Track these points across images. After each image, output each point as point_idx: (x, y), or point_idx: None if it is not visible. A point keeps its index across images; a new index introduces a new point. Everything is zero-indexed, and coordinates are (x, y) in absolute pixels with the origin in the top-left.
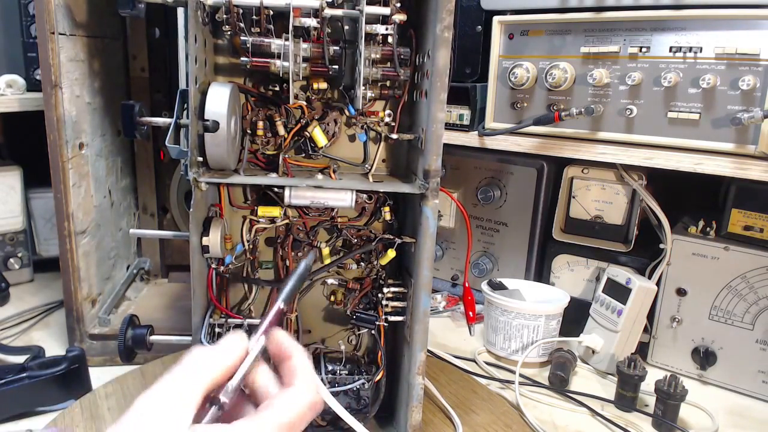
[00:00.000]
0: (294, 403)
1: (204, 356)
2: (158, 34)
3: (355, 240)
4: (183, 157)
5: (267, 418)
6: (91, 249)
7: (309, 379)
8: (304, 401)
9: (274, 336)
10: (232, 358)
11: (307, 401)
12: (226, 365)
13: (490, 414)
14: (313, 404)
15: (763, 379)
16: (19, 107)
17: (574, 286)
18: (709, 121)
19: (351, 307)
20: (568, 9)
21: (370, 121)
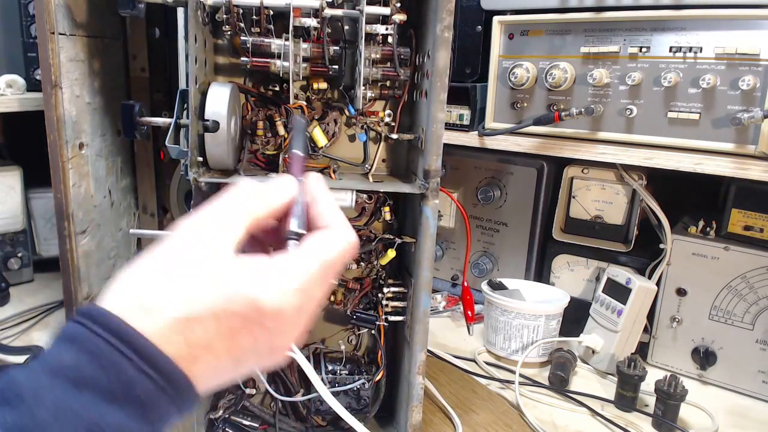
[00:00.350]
0: (336, 241)
1: (253, 190)
2: (158, 34)
3: None
4: (183, 157)
5: (310, 254)
6: (91, 249)
7: (345, 222)
8: (344, 240)
9: (306, 180)
10: (280, 198)
11: (348, 240)
12: (272, 203)
13: (490, 414)
14: (352, 244)
15: (763, 379)
16: (19, 107)
17: (574, 286)
18: (709, 121)
19: (351, 307)
20: (568, 9)
21: (370, 121)
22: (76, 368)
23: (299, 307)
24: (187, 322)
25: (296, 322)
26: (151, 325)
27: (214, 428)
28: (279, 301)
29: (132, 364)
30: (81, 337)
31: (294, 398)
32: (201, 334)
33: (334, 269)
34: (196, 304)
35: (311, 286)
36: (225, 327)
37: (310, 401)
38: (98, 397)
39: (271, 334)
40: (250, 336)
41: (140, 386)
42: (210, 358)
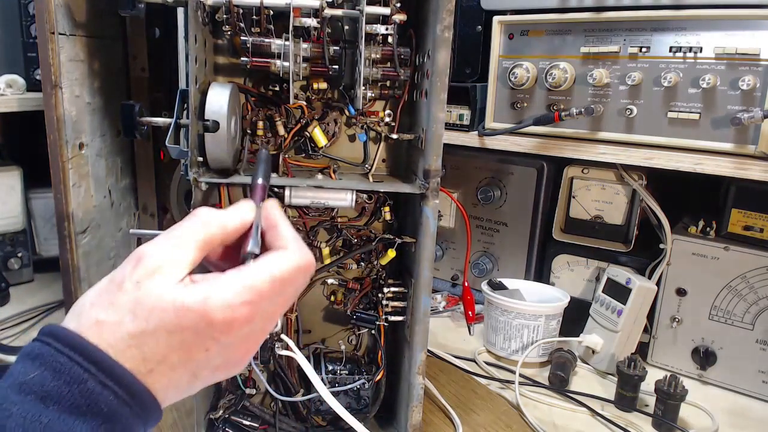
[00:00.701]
0: (290, 259)
1: (208, 214)
2: (158, 34)
3: (355, 240)
4: (183, 157)
5: (261, 269)
6: (91, 249)
7: (301, 245)
8: (300, 258)
9: (264, 205)
10: (234, 219)
11: (303, 258)
12: (227, 224)
13: (490, 414)
14: (306, 265)
15: (763, 379)
16: (19, 107)
17: (574, 286)
18: (709, 121)
19: (351, 307)
20: (568, 9)
21: (370, 121)
22: (41, 384)
23: (249, 319)
24: (140, 336)
25: (249, 335)
26: (107, 339)
27: (214, 428)
28: (227, 313)
29: (93, 378)
30: (44, 355)
31: (294, 398)
32: (155, 348)
33: (288, 286)
34: (148, 319)
35: (261, 300)
36: (177, 340)
37: (310, 401)
38: (64, 411)
39: (224, 347)
40: (202, 348)
41: (103, 399)
42: (165, 370)
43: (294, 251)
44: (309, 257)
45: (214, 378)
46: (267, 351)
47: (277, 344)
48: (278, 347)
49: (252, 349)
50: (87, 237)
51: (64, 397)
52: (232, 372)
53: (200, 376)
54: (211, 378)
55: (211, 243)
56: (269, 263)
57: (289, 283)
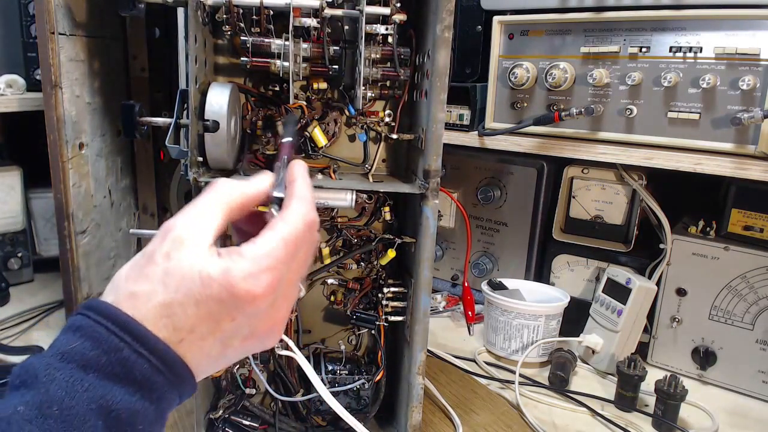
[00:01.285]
0: (292, 220)
1: (228, 183)
2: (158, 34)
3: (355, 240)
4: (183, 157)
5: (271, 236)
6: (91, 249)
7: (300, 204)
8: (297, 221)
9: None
10: (254, 186)
11: (301, 215)
12: (246, 190)
13: (490, 414)
14: (308, 223)
15: (763, 379)
16: (19, 107)
17: (574, 286)
18: (709, 121)
19: (351, 307)
20: (568, 9)
21: (370, 121)
22: (81, 353)
23: (272, 288)
24: (170, 306)
25: (274, 303)
26: (141, 310)
27: (214, 428)
28: (250, 285)
29: (129, 347)
30: (84, 326)
31: (294, 398)
32: (184, 318)
33: (299, 245)
34: (177, 289)
35: (278, 265)
36: (204, 311)
37: (310, 401)
38: (103, 377)
39: (251, 316)
40: (228, 318)
41: (137, 367)
42: (195, 339)
43: (292, 212)
44: (307, 216)
45: (246, 348)
46: (267, 351)
47: (277, 344)
48: (278, 347)
49: (279, 318)
50: (87, 237)
51: (102, 365)
52: (266, 343)
53: (231, 346)
54: (242, 348)
55: (233, 210)
56: (277, 230)
57: (299, 242)
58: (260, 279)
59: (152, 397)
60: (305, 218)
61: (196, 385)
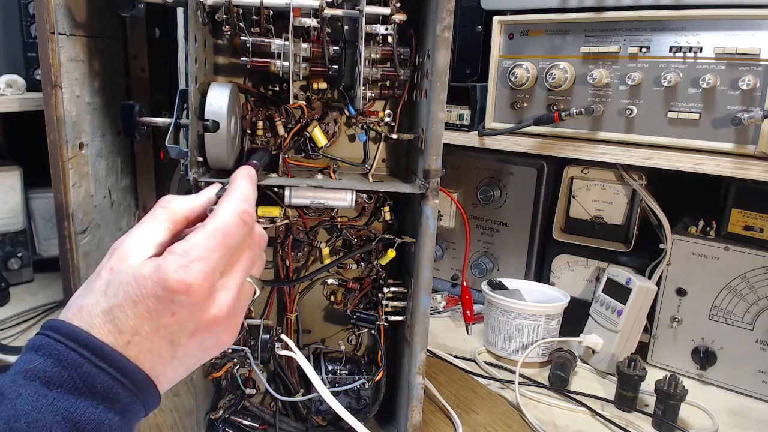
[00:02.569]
0: (219, 214)
1: (172, 197)
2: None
3: (355, 240)
4: (183, 157)
5: (199, 229)
6: (91, 249)
7: (235, 194)
8: (223, 215)
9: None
10: (198, 198)
11: (229, 209)
12: (190, 202)
13: (490, 414)
14: (235, 212)
15: (763, 379)
16: (19, 107)
17: (574, 286)
18: (709, 121)
19: (351, 307)
20: (568, 9)
21: (370, 121)
22: (44, 371)
23: (204, 275)
24: (110, 311)
25: (212, 294)
26: (87, 320)
27: (214, 428)
28: (181, 275)
29: (89, 362)
30: (44, 345)
31: (294, 398)
32: (125, 320)
33: (230, 235)
34: (116, 294)
35: (208, 254)
36: (143, 309)
37: (310, 401)
38: (66, 391)
39: (191, 310)
40: (167, 313)
41: (98, 380)
42: (141, 340)
43: (222, 207)
44: (237, 208)
45: (198, 345)
46: (267, 351)
47: (277, 344)
48: (278, 347)
49: (224, 310)
50: (87, 237)
51: (64, 380)
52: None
53: (180, 344)
54: (194, 346)
55: (177, 222)
56: (206, 223)
57: (229, 233)
58: (191, 268)
59: (116, 408)
60: (235, 210)
61: (159, 395)
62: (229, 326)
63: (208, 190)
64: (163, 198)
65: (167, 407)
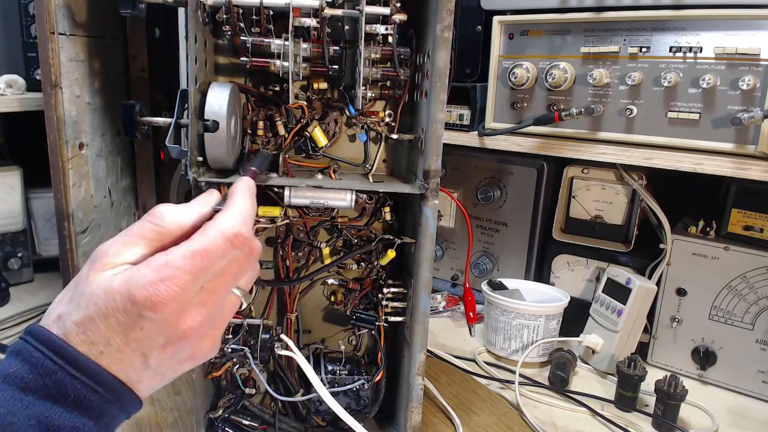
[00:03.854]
0: (205, 236)
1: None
2: (158, 34)
3: (356, 240)
4: (183, 156)
5: (183, 246)
6: (91, 249)
7: (231, 212)
8: (214, 235)
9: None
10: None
11: (220, 230)
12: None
13: (490, 415)
14: (224, 233)
15: (763, 379)
16: (19, 107)
17: (574, 286)
18: (709, 121)
19: (351, 308)
20: (568, 9)
21: (371, 121)
22: (21, 377)
23: (172, 296)
24: (83, 323)
25: (184, 311)
26: (63, 329)
27: (214, 428)
28: (149, 290)
29: (63, 370)
30: (23, 351)
31: (294, 398)
32: (96, 332)
33: (213, 256)
34: (87, 306)
35: (180, 275)
36: (113, 322)
37: (309, 401)
38: (41, 397)
39: (159, 324)
40: (136, 327)
41: (72, 388)
42: (113, 351)
43: (212, 226)
44: (230, 229)
45: (167, 357)
46: (267, 351)
47: (276, 344)
48: (278, 347)
49: (196, 326)
50: (87, 237)
51: (39, 387)
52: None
53: (152, 356)
54: (165, 358)
55: (163, 239)
56: (191, 241)
57: (213, 254)
58: (159, 287)
59: (91, 414)
60: (225, 232)
61: (140, 400)
62: (202, 339)
63: (205, 198)
64: (157, 209)
65: (168, 406)
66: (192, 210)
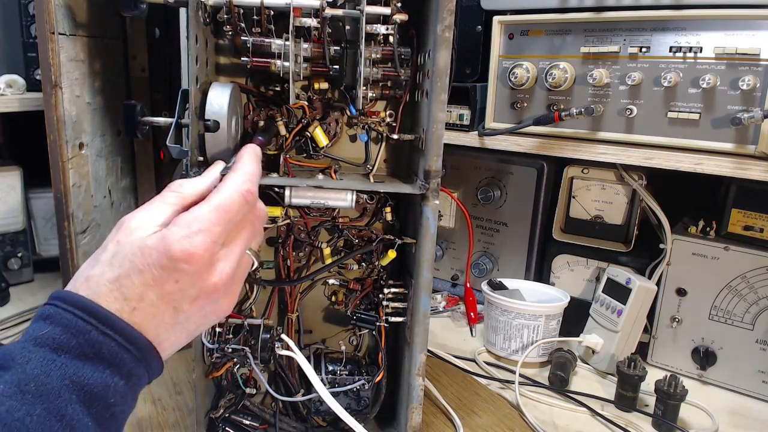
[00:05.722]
0: (224, 189)
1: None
2: (158, 34)
3: (357, 240)
4: (184, 156)
5: (205, 203)
6: (91, 249)
7: (240, 172)
8: (229, 191)
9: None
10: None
11: (233, 187)
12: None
13: (491, 416)
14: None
15: (763, 379)
16: (19, 107)
17: (574, 286)
18: (709, 121)
19: (351, 308)
20: (568, 9)
21: (372, 121)
22: (53, 338)
23: (206, 246)
24: (117, 280)
25: (214, 263)
26: (94, 289)
27: (214, 427)
28: (184, 245)
29: (96, 329)
30: (53, 314)
31: (294, 398)
32: (131, 288)
33: (232, 211)
34: (122, 264)
35: (210, 227)
36: (148, 277)
37: (310, 401)
38: (74, 357)
39: (194, 277)
40: (171, 280)
41: (105, 347)
42: (146, 306)
43: (226, 184)
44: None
45: (198, 311)
46: (267, 351)
47: (277, 344)
48: (278, 347)
49: (224, 278)
50: (87, 237)
51: (72, 346)
52: (220, 304)
53: (182, 310)
54: (195, 312)
55: (186, 204)
56: (210, 198)
57: (231, 209)
58: (193, 240)
59: (121, 373)
60: (239, 189)
61: (162, 363)
62: (227, 293)
63: (214, 169)
64: (174, 182)
65: (169, 405)
66: (205, 179)
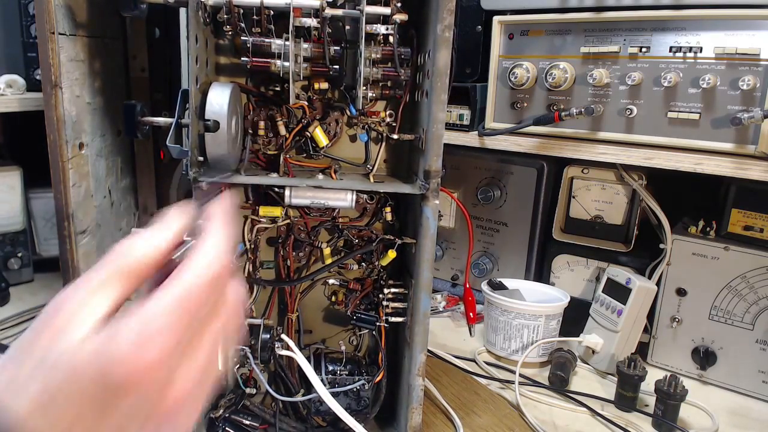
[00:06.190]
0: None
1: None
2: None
3: (357, 240)
4: (184, 156)
5: (159, 298)
6: (91, 249)
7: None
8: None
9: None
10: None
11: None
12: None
13: (492, 416)
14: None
15: (763, 379)
16: (19, 107)
17: (574, 286)
18: (709, 121)
19: (351, 308)
20: (568, 9)
21: (372, 121)
22: None
23: (162, 361)
24: (41, 401)
25: (169, 381)
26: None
27: (214, 427)
28: (130, 362)
29: None
30: None
31: (294, 398)
32: (59, 415)
33: (200, 302)
34: (46, 381)
35: (163, 338)
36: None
37: (310, 401)
38: None
39: (142, 402)
40: (112, 408)
41: None
42: None
43: (192, 264)
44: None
45: None
46: (267, 351)
47: (277, 344)
48: (278, 347)
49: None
50: (87, 237)
51: None
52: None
53: None
54: None
55: (132, 279)
56: (167, 288)
57: (199, 300)
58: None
59: None
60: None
61: None
62: (188, 412)
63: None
64: (123, 242)
65: None
66: (162, 237)
